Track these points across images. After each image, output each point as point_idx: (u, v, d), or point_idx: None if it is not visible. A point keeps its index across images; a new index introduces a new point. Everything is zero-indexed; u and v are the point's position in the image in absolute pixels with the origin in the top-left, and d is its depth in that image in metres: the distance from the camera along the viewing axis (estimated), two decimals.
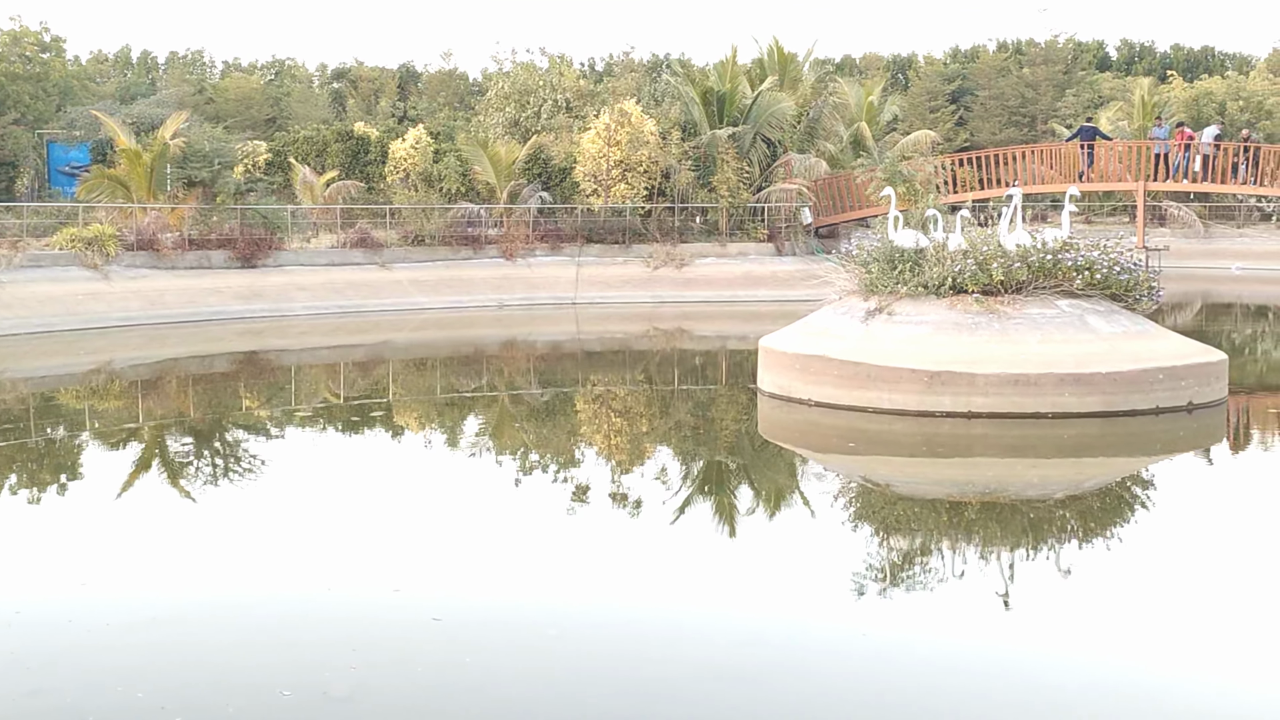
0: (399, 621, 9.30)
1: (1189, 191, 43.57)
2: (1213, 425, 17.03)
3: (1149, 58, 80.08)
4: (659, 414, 19.29)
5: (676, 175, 36.76)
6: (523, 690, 8.08)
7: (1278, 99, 56.59)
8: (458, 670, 8.38)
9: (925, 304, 17.57)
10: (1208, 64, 77.63)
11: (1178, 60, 77.87)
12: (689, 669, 8.45)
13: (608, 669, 8.46)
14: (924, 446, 15.88)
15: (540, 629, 9.18)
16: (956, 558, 11.08)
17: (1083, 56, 75.57)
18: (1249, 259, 47.00)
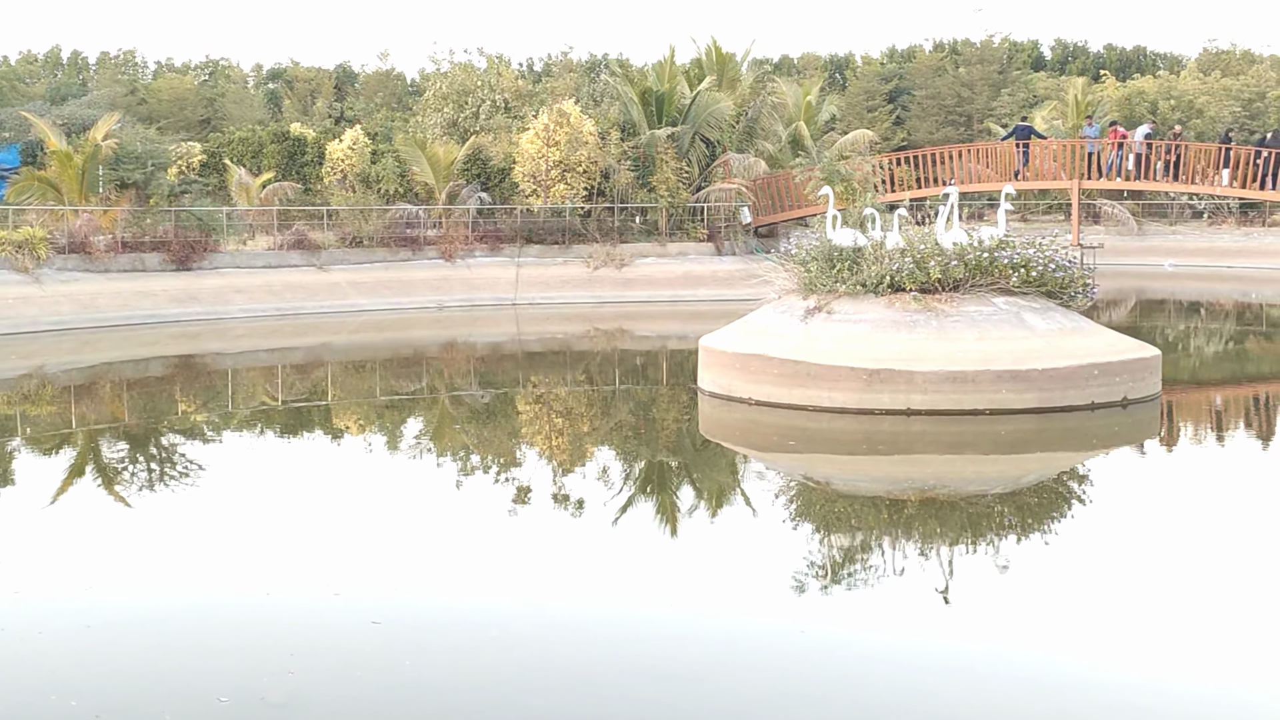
0: (338, 625, 9.22)
1: (1123, 190, 44.10)
2: (1147, 420, 17.25)
3: (1082, 57, 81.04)
4: (600, 414, 19.27)
5: (616, 175, 36.75)
6: (464, 693, 8.03)
7: (1208, 98, 57.41)
8: (398, 673, 8.31)
9: (864, 302, 17.66)
10: (1140, 64, 78.70)
11: (1111, 60, 78.86)
12: (630, 668, 8.44)
13: (549, 670, 8.43)
14: (864, 444, 15.96)
15: (481, 630, 9.13)
16: (896, 554, 11.14)
17: (1018, 56, 76.39)
18: (1182, 256, 47.66)
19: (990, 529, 12.15)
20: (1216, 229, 50.03)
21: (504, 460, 15.79)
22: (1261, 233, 48.35)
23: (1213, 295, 39.94)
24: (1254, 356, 26.67)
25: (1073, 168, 37.78)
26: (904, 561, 10.91)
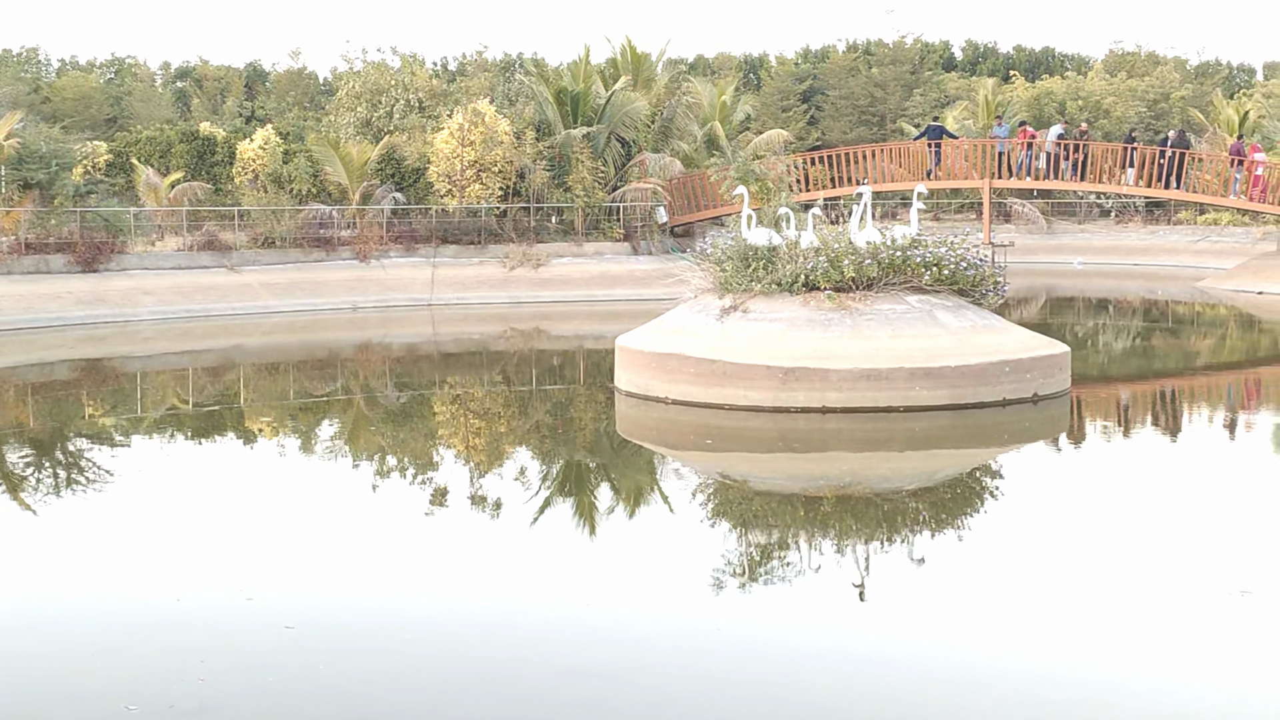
0: (250, 630, 9.09)
1: (1033, 189, 44.77)
2: (1057, 416, 17.51)
3: (993, 58, 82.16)
4: (517, 415, 19.19)
5: (531, 175, 36.64)
6: (379, 696, 7.95)
7: (1114, 99, 58.44)
8: (311, 678, 8.21)
9: (779, 301, 17.75)
10: (1048, 65, 79.90)
11: (1020, 61, 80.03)
12: (547, 668, 8.41)
13: (466, 671, 8.37)
14: (780, 442, 16.05)
15: (397, 633, 9.05)
16: (813, 551, 11.21)
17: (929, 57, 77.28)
18: (1090, 254, 48.49)
19: (905, 525, 12.26)
20: (1123, 227, 50.99)
21: (420, 462, 15.68)
22: (1166, 230, 49.34)
23: (1120, 292, 40.67)
24: (1160, 353, 27.18)
25: (984, 167, 38.27)
26: (820, 558, 10.98)
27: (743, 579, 10.34)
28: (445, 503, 13.13)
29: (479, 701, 7.88)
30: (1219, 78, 72.51)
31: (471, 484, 14.19)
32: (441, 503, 13.13)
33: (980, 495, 13.79)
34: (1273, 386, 22.15)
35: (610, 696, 7.98)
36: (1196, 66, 74.75)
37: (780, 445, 15.97)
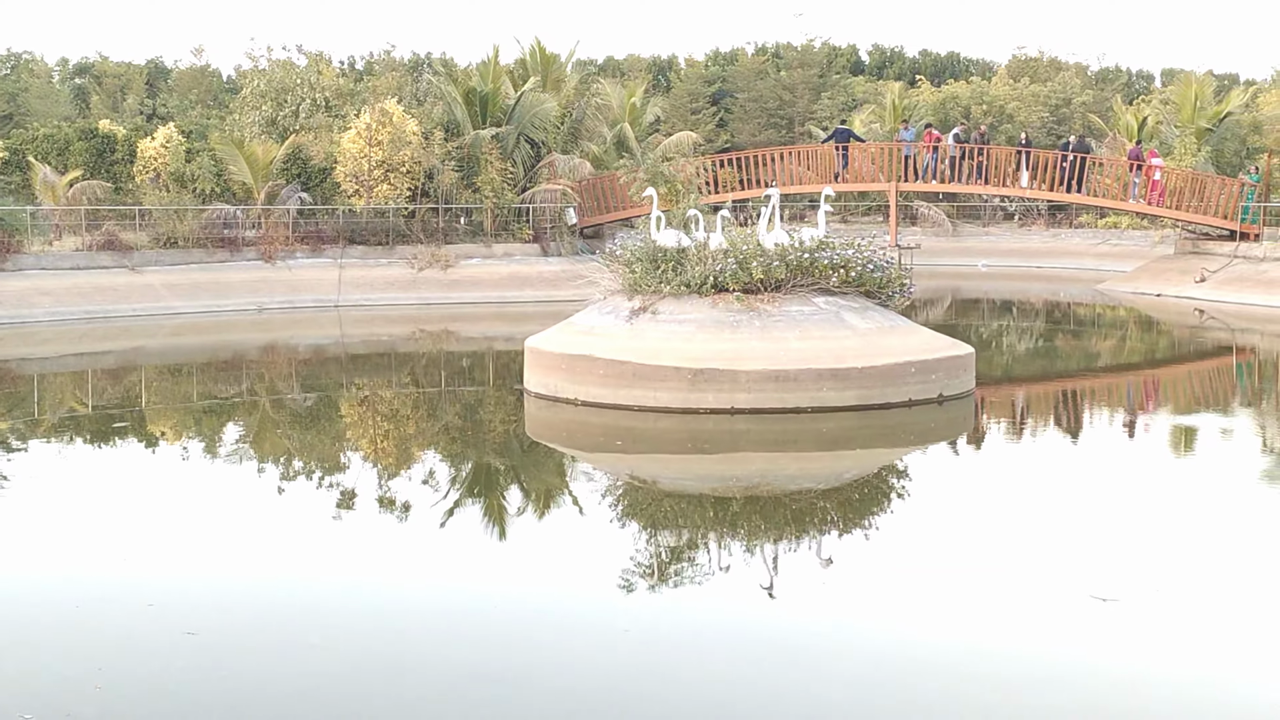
0: (150, 636, 8.93)
1: (938, 192, 45.34)
2: (962, 416, 17.75)
3: (899, 62, 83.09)
4: (425, 416, 19.04)
5: (440, 176, 36.39)
6: (280, 701, 7.84)
7: (1018, 103, 59.35)
8: (213, 684, 8.08)
9: (688, 303, 17.80)
10: (954, 69, 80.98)
11: (926, 65, 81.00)
12: (455, 671, 8.35)
13: (368, 674, 8.27)
14: (689, 443, 16.09)
15: (302, 638, 8.94)
16: (722, 551, 11.25)
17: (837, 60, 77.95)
18: (994, 256, 49.23)
19: (813, 525, 12.35)
20: (1026, 230, 51.82)
21: (327, 465, 15.50)
22: (1069, 233, 50.23)
23: (1023, 294, 41.32)
24: (1062, 354, 27.65)
25: (890, 170, 38.70)
26: (729, 558, 11.02)
27: (652, 580, 10.34)
28: (352, 506, 12.99)
29: (380, 705, 7.79)
30: (1119, 84, 73.98)
31: (379, 487, 14.05)
32: (348, 506, 12.99)
33: (887, 495, 13.93)
34: (1170, 387, 22.63)
35: (514, 699, 7.94)
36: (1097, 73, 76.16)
37: (689, 446, 16.01)
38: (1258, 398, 20.98)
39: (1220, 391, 22.01)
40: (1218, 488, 13.79)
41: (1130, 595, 9.70)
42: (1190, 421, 18.54)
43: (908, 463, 15.47)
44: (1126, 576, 10.23)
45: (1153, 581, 10.11)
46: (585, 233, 39.50)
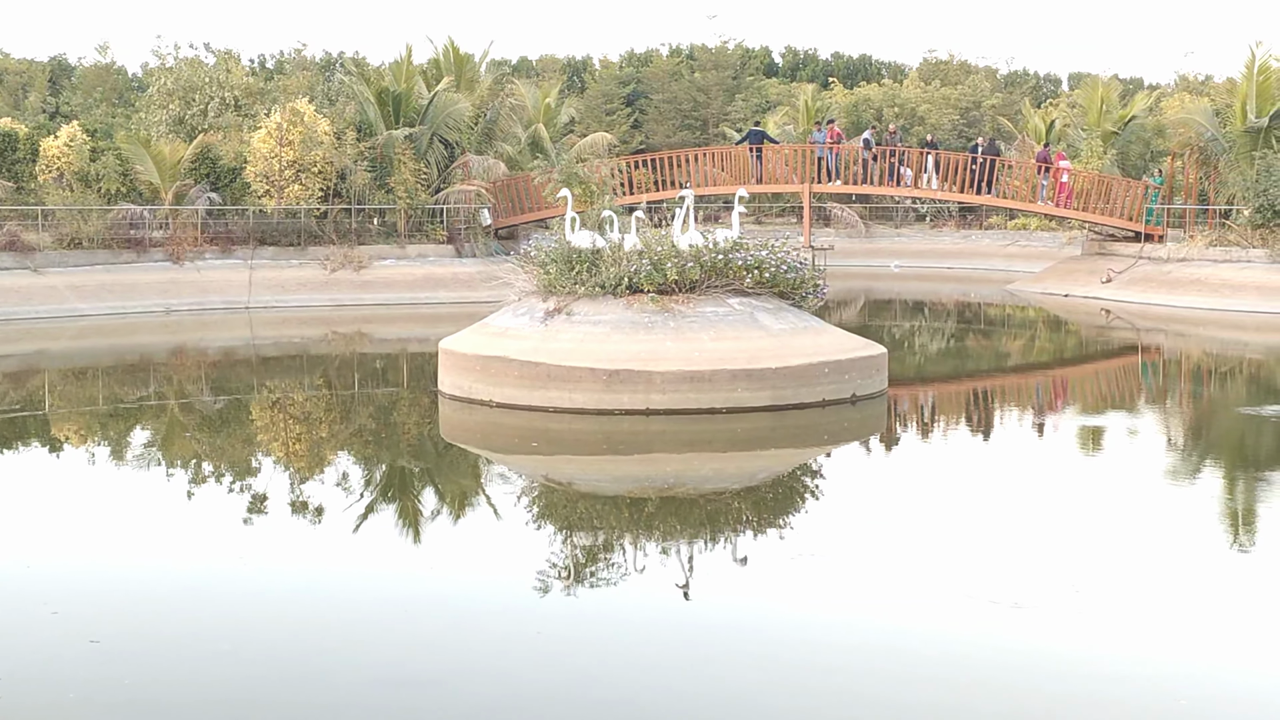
0: (54, 644, 8.74)
1: (851, 193, 45.72)
2: (874, 416, 17.90)
3: (812, 65, 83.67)
4: (338, 419, 18.85)
5: (352, 176, 36.03)
6: (191, 710, 7.70)
7: (929, 106, 60.07)
8: (117, 693, 7.92)
9: (603, 304, 17.79)
10: (866, 72, 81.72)
11: (839, 68, 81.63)
12: (367, 676, 8.26)
13: (283, 681, 8.17)
14: (604, 444, 16.08)
15: (209, 644, 8.79)
16: (638, 553, 11.24)
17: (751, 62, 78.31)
18: (906, 257, 49.76)
19: (729, 525, 12.38)
20: (938, 231, 52.43)
21: (237, 469, 15.27)
22: (979, 235, 50.89)
23: (935, 294, 41.81)
24: (973, 353, 28.02)
25: (804, 172, 38.97)
26: (645, 559, 11.02)
27: (567, 582, 10.31)
28: (263, 510, 12.81)
29: (292, 710, 7.70)
30: (1027, 87, 75.09)
31: (291, 490, 13.87)
32: (259, 510, 12.81)
33: (801, 495, 14.01)
34: (1078, 386, 23.01)
35: (428, 704, 7.87)
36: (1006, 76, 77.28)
37: (604, 447, 16.00)
38: (1162, 396, 21.39)
39: (1127, 391, 22.42)
40: (1125, 486, 14.03)
41: (1042, 595, 9.83)
42: (1097, 420, 18.87)
43: (821, 462, 15.59)
44: (1036, 576, 10.37)
45: (1064, 581, 10.25)
46: (500, 234, 39.34)
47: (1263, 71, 36.30)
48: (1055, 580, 10.17)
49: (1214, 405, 20.12)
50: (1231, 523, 12.51)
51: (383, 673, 8.35)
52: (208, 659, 8.57)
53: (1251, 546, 11.61)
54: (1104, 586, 10.09)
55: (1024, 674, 8.36)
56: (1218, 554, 11.22)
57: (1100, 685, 8.17)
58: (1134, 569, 10.61)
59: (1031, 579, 10.18)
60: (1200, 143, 37.75)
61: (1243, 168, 35.38)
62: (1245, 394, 21.05)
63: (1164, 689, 8.14)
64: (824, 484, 14.49)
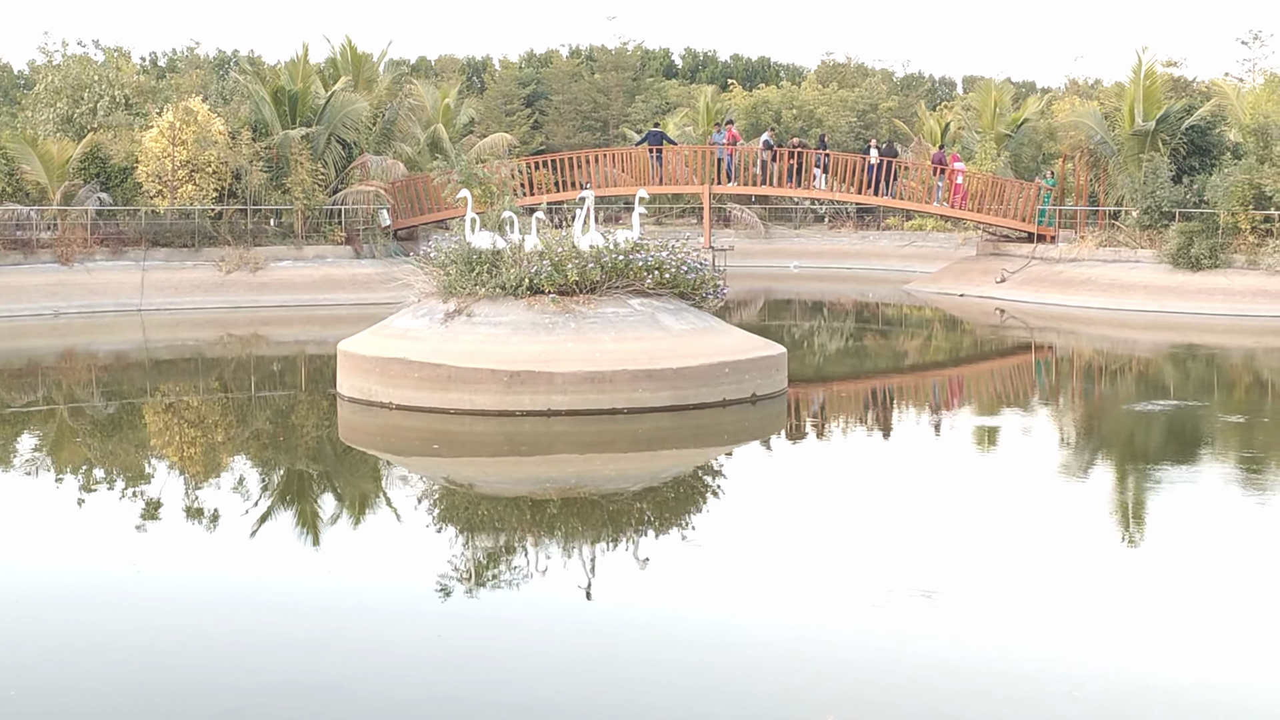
0: None
1: (751, 194, 46.04)
2: (774, 415, 18.04)
3: (712, 66, 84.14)
4: (235, 423, 18.56)
5: (248, 176, 35.52)
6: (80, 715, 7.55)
7: (827, 108, 60.69)
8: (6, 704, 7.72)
9: (504, 305, 17.72)
10: (765, 74, 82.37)
11: (738, 69, 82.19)
12: (266, 682, 8.15)
13: (178, 689, 8.02)
14: (506, 446, 16.01)
15: (107, 652, 8.61)
16: (540, 554, 11.21)
17: (651, 64, 78.62)
18: (805, 258, 50.22)
19: (631, 525, 12.39)
20: (836, 232, 52.99)
21: (130, 475, 14.97)
22: (876, 235, 51.53)
23: (834, 295, 42.24)
24: (871, 353, 28.36)
25: (704, 173, 39.16)
26: (547, 561, 10.98)
27: (468, 584, 10.25)
28: (157, 516, 12.57)
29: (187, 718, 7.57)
30: (922, 90, 76.26)
31: (186, 496, 13.63)
32: (153, 516, 12.57)
33: (702, 494, 14.07)
34: (974, 384, 23.39)
35: (329, 710, 7.78)
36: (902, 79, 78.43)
37: (506, 449, 15.93)
38: (1055, 394, 21.82)
39: (1021, 388, 22.82)
40: (1019, 481, 14.29)
41: (946, 586, 9.96)
42: (992, 417, 19.20)
43: (722, 462, 15.66)
44: (939, 568, 10.52)
45: (967, 572, 10.40)
46: (399, 234, 39.04)
47: (1149, 76, 37.19)
48: (952, 574, 10.31)
49: (1104, 402, 20.55)
50: (1121, 515, 12.79)
51: (283, 678, 8.24)
52: (104, 662, 8.39)
53: (1141, 540, 11.88)
54: (1000, 580, 10.26)
55: (924, 668, 8.47)
56: (1110, 546, 11.46)
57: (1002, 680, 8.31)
58: (1026, 563, 10.79)
59: (930, 573, 10.32)
60: (1090, 145, 38.57)
61: (1130, 170, 36.21)
62: (1134, 391, 21.54)
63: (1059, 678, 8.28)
64: (725, 483, 14.56)
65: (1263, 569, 10.70)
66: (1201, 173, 34.82)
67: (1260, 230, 32.60)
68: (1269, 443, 16.78)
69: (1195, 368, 24.27)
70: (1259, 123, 35.22)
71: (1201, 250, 32.57)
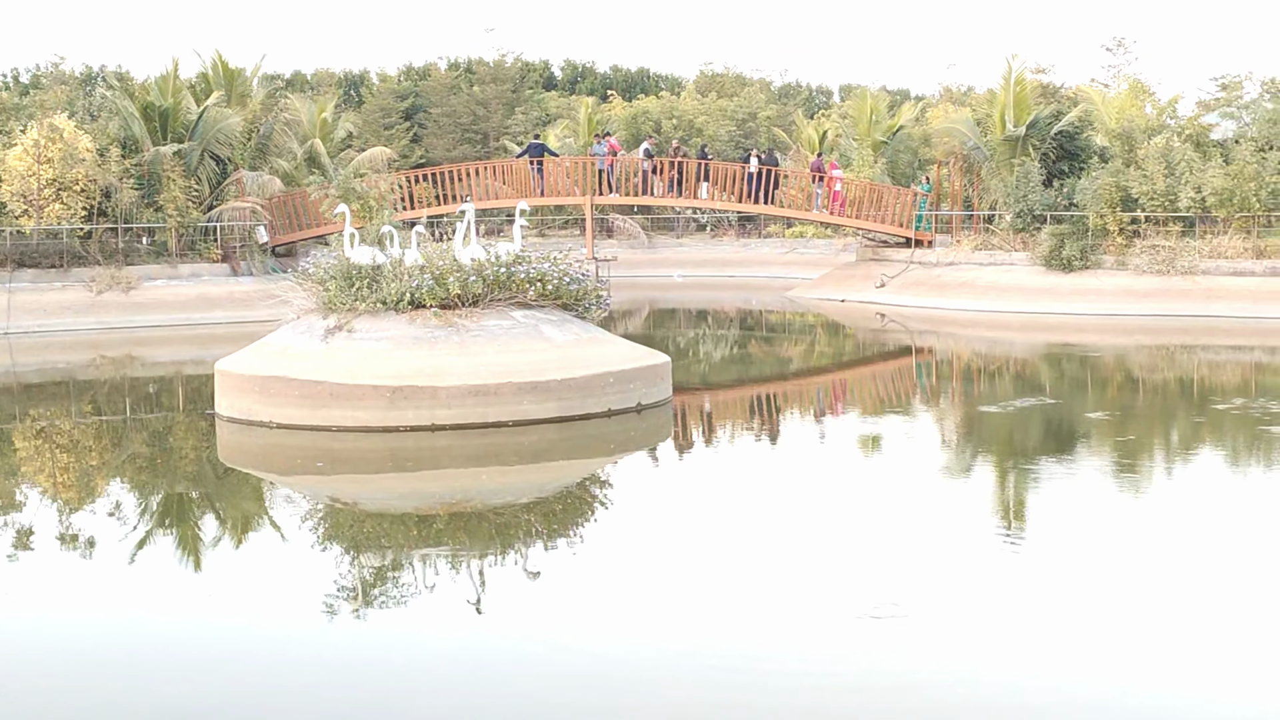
0: None
1: (633, 205, 46.17)
2: (660, 424, 18.07)
3: (591, 78, 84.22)
4: (109, 446, 18.09)
5: (118, 194, 34.73)
6: None
7: (706, 118, 61.11)
8: None
9: (385, 320, 17.53)
10: (644, 85, 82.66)
11: (617, 81, 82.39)
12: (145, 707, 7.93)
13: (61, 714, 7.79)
14: (390, 462, 15.82)
15: None
16: (428, 569, 11.08)
17: (530, 76, 78.42)
18: (689, 267, 50.45)
19: (519, 538, 12.31)
20: (719, 241, 53.37)
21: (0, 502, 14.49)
22: (758, 243, 51.99)
23: (717, 303, 42.50)
24: (756, 360, 28.56)
25: (585, 184, 39.17)
26: (436, 576, 10.86)
27: (356, 603, 10.09)
28: (29, 545, 12.19)
29: None
30: (800, 99, 77.12)
31: (60, 523, 13.24)
32: (24, 545, 12.18)
33: (590, 505, 14.03)
34: (857, 388, 23.67)
35: None
36: (780, 88, 79.22)
37: (391, 465, 15.75)
38: (935, 396, 22.16)
39: (902, 391, 23.15)
40: (903, 482, 14.46)
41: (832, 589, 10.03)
42: (875, 420, 19.44)
43: (609, 472, 15.64)
44: (825, 572, 10.59)
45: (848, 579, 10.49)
46: (277, 251, 38.46)
47: (1019, 83, 38.04)
48: (837, 577, 10.40)
49: (982, 401, 20.91)
50: (1003, 512, 13.01)
51: (163, 704, 8.03)
52: None
53: (1022, 537, 12.08)
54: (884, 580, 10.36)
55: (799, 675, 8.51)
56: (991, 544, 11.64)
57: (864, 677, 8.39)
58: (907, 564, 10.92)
59: (816, 577, 10.39)
60: (964, 151, 39.33)
61: (1003, 175, 36.99)
62: (1011, 390, 21.95)
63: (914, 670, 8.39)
64: (612, 493, 14.54)
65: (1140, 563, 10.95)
66: (1071, 176, 35.69)
67: (1128, 232, 33.50)
68: (1141, 438, 17.22)
69: (1070, 367, 24.84)
70: (1124, 127, 36.26)
71: (1073, 252, 33.38)
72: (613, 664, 8.74)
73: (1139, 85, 42.91)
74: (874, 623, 9.34)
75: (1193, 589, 10.10)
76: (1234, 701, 8.03)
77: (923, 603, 9.79)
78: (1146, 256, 32.68)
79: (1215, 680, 8.31)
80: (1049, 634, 9.10)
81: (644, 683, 8.38)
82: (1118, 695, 8.06)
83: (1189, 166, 33.06)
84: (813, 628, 9.26)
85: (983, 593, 10.11)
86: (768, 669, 8.52)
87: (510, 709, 8.01)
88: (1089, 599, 9.87)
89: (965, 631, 9.18)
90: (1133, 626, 9.24)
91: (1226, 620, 9.34)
